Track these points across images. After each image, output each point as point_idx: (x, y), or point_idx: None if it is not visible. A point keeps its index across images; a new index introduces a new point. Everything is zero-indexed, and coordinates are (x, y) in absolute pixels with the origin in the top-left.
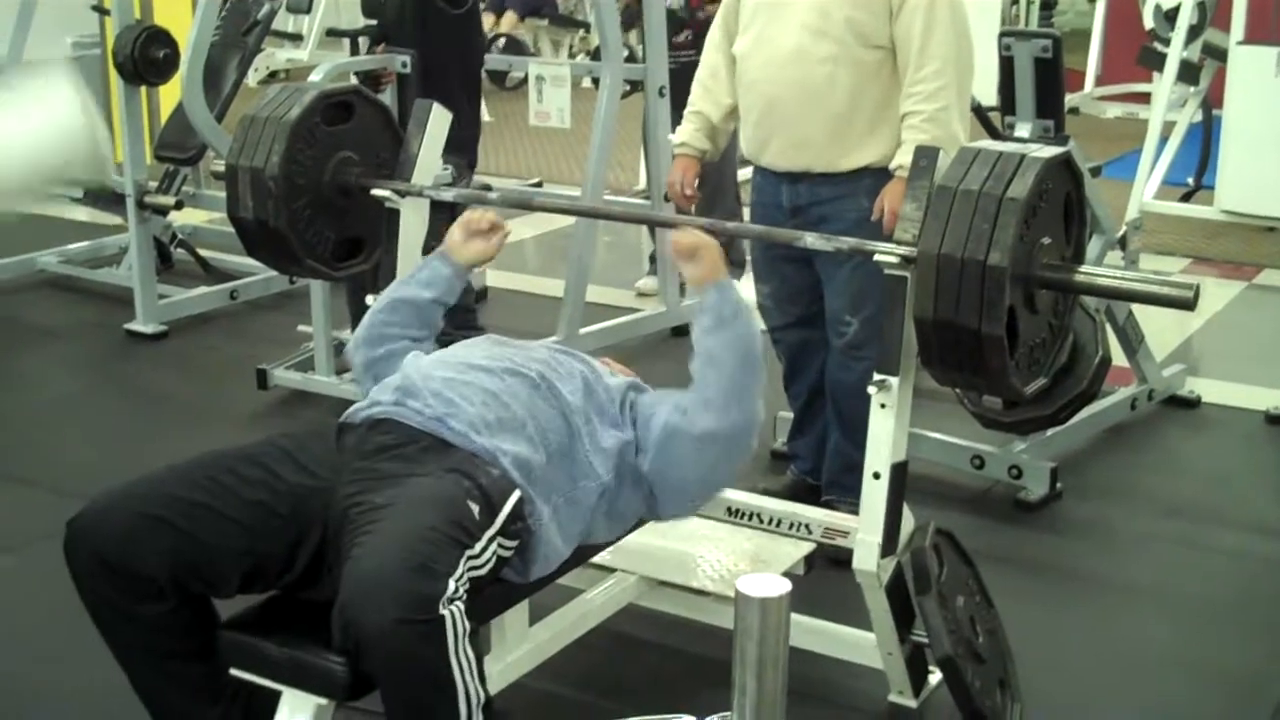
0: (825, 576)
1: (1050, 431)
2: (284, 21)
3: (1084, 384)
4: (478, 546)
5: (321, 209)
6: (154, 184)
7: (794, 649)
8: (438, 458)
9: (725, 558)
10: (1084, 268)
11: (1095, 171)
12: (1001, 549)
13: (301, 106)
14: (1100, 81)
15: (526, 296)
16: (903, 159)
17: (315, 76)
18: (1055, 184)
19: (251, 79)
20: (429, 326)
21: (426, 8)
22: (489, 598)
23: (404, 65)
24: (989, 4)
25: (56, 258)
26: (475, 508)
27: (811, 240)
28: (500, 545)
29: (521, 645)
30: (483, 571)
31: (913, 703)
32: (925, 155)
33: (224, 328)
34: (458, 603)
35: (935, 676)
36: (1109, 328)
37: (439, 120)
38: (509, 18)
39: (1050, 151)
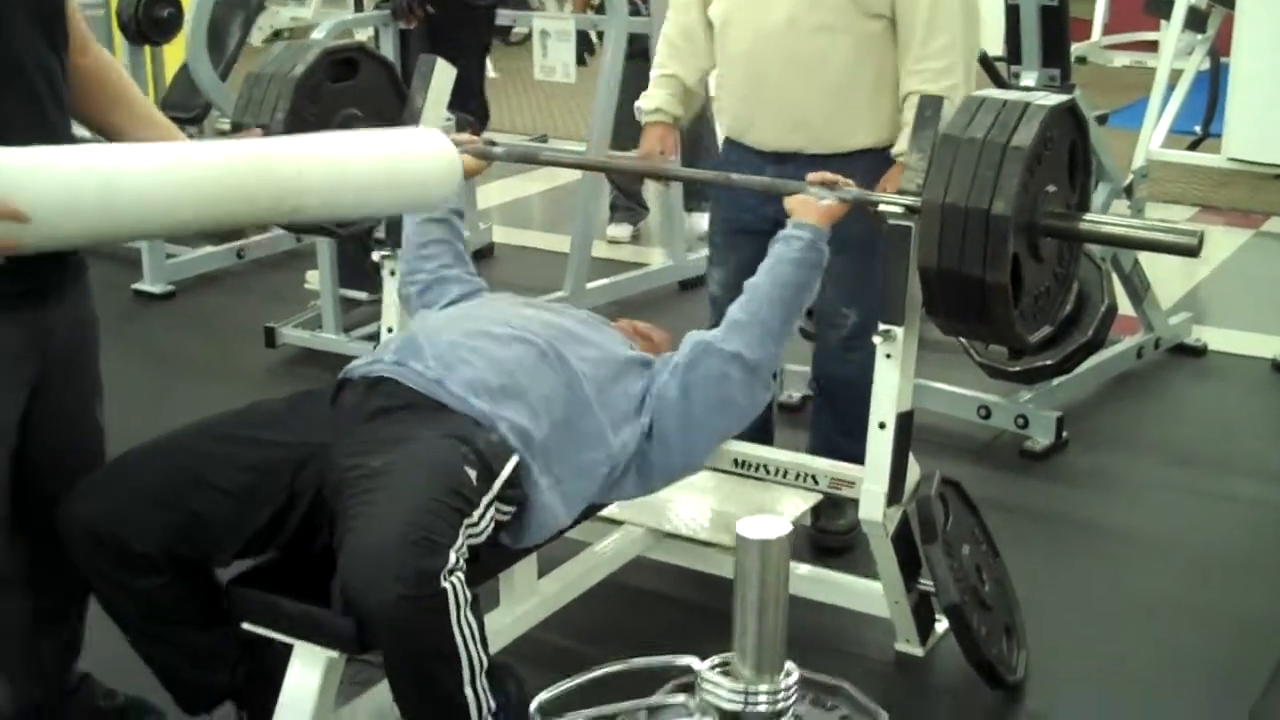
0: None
1: (1056, 381)
2: None
3: (1090, 333)
4: (476, 514)
5: None
6: None
7: (801, 599)
8: (435, 422)
9: (732, 509)
10: (1089, 216)
11: (1102, 120)
12: (1007, 498)
13: (306, 64)
14: (1107, 30)
15: (533, 252)
16: (905, 144)
17: (318, 34)
18: (1060, 132)
19: (255, 38)
20: (459, 236)
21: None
22: (485, 561)
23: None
24: None
25: None
26: (473, 473)
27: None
28: (498, 510)
29: (530, 598)
30: (480, 538)
31: (919, 651)
32: (930, 105)
33: (231, 287)
34: (458, 573)
35: (942, 625)
36: (1115, 276)
37: (443, 75)
38: None
39: (1055, 100)
